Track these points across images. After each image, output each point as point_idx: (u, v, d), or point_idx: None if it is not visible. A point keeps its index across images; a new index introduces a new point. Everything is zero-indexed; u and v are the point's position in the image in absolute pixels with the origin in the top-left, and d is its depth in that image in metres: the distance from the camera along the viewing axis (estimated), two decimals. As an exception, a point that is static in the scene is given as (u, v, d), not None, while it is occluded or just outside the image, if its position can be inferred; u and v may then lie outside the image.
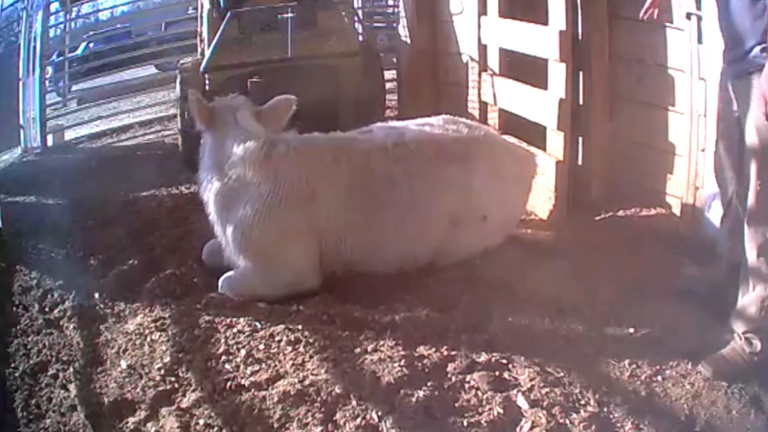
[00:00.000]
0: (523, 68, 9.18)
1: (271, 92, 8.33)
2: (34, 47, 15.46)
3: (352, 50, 12.07)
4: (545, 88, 8.42)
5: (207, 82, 11.31)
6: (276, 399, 5.26)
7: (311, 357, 5.71)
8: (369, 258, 7.19)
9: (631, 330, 5.92)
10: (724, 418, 4.99)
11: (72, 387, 6.03)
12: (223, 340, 6.13)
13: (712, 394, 5.17)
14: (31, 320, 7.26)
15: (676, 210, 7.75)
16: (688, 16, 7.25)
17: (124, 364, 6.11)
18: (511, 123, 9.32)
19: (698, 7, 7.17)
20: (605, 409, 5.02)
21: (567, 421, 4.90)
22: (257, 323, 6.30)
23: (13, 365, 6.56)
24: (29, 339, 6.92)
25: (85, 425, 5.57)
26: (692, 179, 7.37)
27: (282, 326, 6.18)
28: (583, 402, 5.08)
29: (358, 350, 5.76)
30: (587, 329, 5.99)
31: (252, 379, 5.57)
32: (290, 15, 11.48)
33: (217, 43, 11.31)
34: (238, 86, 10.26)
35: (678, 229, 7.59)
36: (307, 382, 5.38)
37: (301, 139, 7.47)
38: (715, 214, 7.08)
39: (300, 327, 6.16)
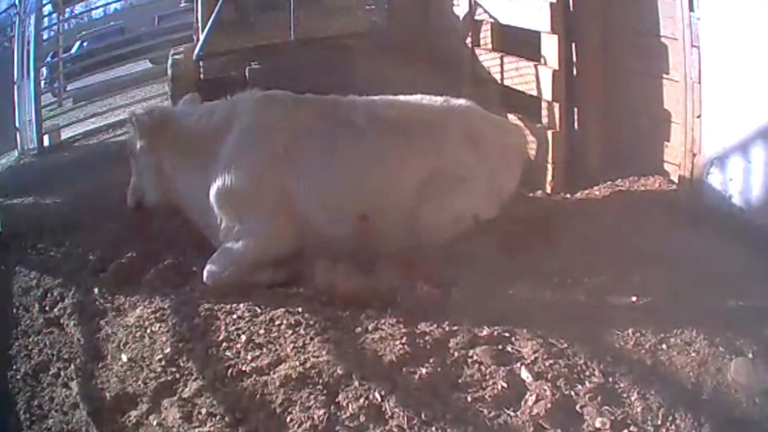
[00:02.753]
0: (518, 42, 9.16)
1: (272, 79, 8.37)
2: (28, 51, 15.51)
3: (361, 30, 11.46)
4: (539, 60, 8.42)
5: (201, 70, 10.87)
6: (278, 383, 5.28)
7: (312, 339, 5.72)
8: (333, 209, 7.11)
9: (634, 299, 5.89)
10: (731, 386, 4.95)
11: (74, 385, 6.04)
12: (223, 327, 6.13)
13: (718, 361, 5.12)
14: (32, 320, 7.25)
15: (674, 177, 7.70)
16: (680, -16, 7.22)
17: (124, 357, 6.10)
18: (507, 97, 9.28)
19: (689, -24, 7.13)
20: (610, 380, 5.00)
21: (572, 393, 4.91)
22: (257, 308, 6.29)
23: (14, 367, 6.58)
24: (30, 339, 6.92)
25: (88, 422, 5.57)
26: (689, 146, 7.31)
27: (282, 310, 6.17)
28: (587, 373, 5.08)
29: (358, 330, 5.78)
30: (590, 300, 5.97)
31: (253, 364, 5.58)
32: None
33: (211, 26, 10.68)
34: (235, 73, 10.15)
35: (676, 196, 7.53)
36: (308, 364, 5.39)
37: (265, 92, 7.59)
38: (712, 180, 7.06)
39: (300, 310, 6.16)
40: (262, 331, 5.97)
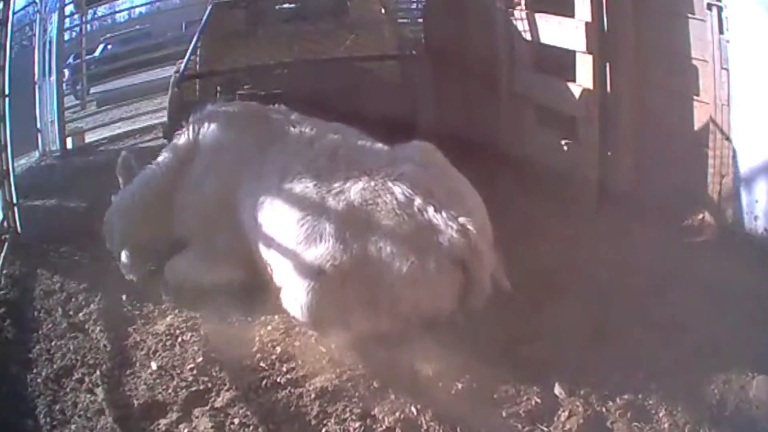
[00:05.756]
0: (553, 60, 9.18)
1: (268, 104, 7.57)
2: (50, 50, 15.51)
3: (388, 52, 10.19)
4: (573, 79, 8.47)
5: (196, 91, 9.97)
6: (313, 396, 5.33)
7: (348, 352, 5.74)
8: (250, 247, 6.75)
9: (664, 319, 5.92)
10: (753, 403, 5.05)
11: (99, 391, 5.95)
12: (257, 338, 6.16)
13: (741, 379, 5.21)
14: (54, 324, 7.14)
15: (702, 198, 7.68)
16: (710, 6, 7.23)
17: (154, 365, 6.11)
18: (543, 114, 9.28)
19: (718, -2, 7.17)
20: (640, 396, 5.10)
21: (603, 409, 5.02)
22: (292, 320, 6.25)
23: (35, 370, 6.43)
24: (52, 344, 6.80)
25: (114, 429, 5.51)
26: (717, 167, 7.34)
27: (318, 322, 6.20)
28: (619, 390, 5.16)
29: (395, 344, 5.73)
30: (621, 319, 6.01)
31: (288, 376, 5.63)
32: (291, 5, 10.06)
33: (195, 42, 9.86)
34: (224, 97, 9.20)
35: (705, 217, 7.57)
36: (344, 377, 5.45)
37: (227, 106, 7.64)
38: (740, 202, 7.10)
39: (336, 323, 6.16)
40: (297, 343, 6.01)
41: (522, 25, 9.56)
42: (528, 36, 9.47)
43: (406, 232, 5.75)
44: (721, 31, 7.16)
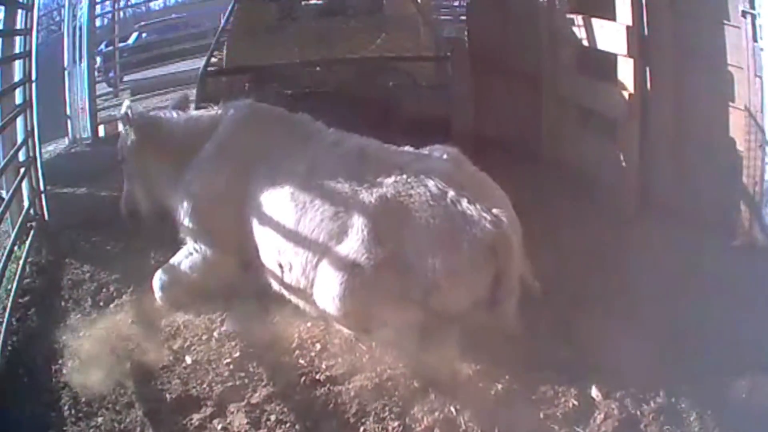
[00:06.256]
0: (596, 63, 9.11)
1: (293, 108, 7.44)
2: (80, 36, 15.24)
3: (423, 52, 9.94)
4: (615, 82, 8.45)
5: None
6: (352, 394, 5.38)
7: (388, 351, 5.75)
8: (261, 250, 6.63)
9: (697, 323, 5.98)
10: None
11: (129, 384, 5.91)
12: (296, 335, 6.15)
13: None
14: (84, 315, 7.02)
15: (737, 204, 7.64)
16: (744, 14, 7.23)
17: (189, 359, 6.11)
18: (585, 117, 9.29)
19: (752, 6, 7.15)
20: (673, 400, 5.21)
21: (638, 412, 5.14)
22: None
23: (60, 361, 6.31)
24: (80, 334, 6.64)
25: (144, 423, 5.52)
26: (751, 174, 7.34)
27: (358, 320, 6.19)
28: (652, 393, 5.27)
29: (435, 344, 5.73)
30: (657, 323, 6.06)
31: (327, 373, 5.66)
32: (319, 1, 9.84)
33: (216, 40, 9.84)
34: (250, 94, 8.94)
35: (739, 223, 7.52)
36: (384, 376, 5.49)
37: (253, 105, 7.39)
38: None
39: (376, 321, 6.16)
40: (336, 341, 6.00)
41: (565, 28, 9.50)
42: (571, 38, 9.39)
43: (441, 223, 5.80)
44: (755, 39, 7.17)
